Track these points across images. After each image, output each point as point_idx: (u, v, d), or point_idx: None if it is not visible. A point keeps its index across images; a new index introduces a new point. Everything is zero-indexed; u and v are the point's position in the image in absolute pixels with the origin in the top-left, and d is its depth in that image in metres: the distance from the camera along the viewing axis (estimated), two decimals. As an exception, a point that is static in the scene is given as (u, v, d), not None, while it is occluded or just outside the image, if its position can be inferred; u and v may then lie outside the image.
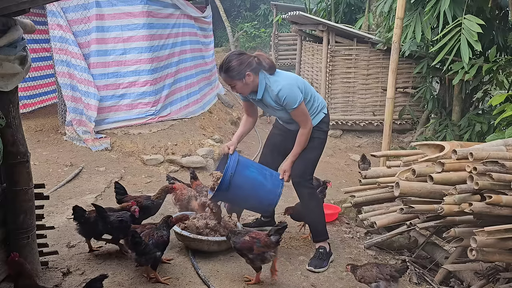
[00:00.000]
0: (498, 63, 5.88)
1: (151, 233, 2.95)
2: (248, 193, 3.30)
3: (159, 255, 2.94)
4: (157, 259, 2.93)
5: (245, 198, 3.35)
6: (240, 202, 3.51)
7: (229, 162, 3.25)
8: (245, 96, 3.34)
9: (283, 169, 3.40)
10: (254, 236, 2.96)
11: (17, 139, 2.73)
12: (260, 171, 3.40)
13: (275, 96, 3.15)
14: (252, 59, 3.13)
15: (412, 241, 3.90)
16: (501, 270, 3.17)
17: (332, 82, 9.04)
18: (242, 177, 3.26)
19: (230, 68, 3.09)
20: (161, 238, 2.94)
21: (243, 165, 3.32)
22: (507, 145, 3.22)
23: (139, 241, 2.83)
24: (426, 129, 8.17)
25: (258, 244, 2.91)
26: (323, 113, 3.39)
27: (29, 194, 2.85)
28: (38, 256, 3.01)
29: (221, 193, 3.28)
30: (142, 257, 2.87)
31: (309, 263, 3.37)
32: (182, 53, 7.57)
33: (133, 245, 2.84)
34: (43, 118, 7.31)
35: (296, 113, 3.19)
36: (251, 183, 3.30)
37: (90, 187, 5.02)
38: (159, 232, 2.97)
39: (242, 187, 3.26)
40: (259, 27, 17.50)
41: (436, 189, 3.16)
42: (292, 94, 3.11)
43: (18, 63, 2.57)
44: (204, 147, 6.42)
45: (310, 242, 3.73)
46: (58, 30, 6.19)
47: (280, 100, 3.14)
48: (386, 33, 8.16)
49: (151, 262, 2.92)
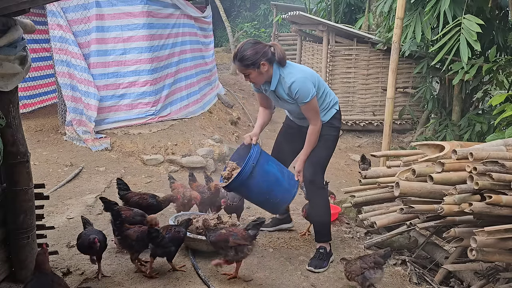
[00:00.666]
0: (498, 63, 5.88)
1: (169, 227, 3.09)
2: (265, 188, 3.21)
3: (174, 250, 3.04)
4: (171, 252, 3.04)
5: (261, 192, 3.24)
6: (253, 196, 3.35)
7: (252, 152, 3.13)
8: (258, 87, 3.28)
9: (297, 169, 3.34)
10: (231, 230, 3.00)
11: (17, 139, 2.73)
12: (279, 168, 3.32)
13: (287, 88, 3.09)
14: (268, 48, 3.08)
15: (412, 241, 3.90)
16: (501, 270, 3.16)
17: (332, 82, 9.04)
18: (262, 170, 3.16)
19: (245, 57, 3.03)
20: (177, 233, 3.05)
21: (265, 158, 3.24)
22: (507, 145, 3.22)
23: (156, 235, 2.95)
24: (426, 129, 8.17)
25: (234, 237, 2.93)
26: (335, 109, 3.34)
27: (29, 194, 2.85)
28: (38, 256, 3.01)
29: (238, 183, 3.14)
30: (158, 249, 3.00)
31: (309, 263, 3.36)
32: (182, 53, 7.57)
33: (150, 239, 2.97)
34: (43, 118, 7.31)
35: (307, 107, 3.13)
36: (270, 178, 3.21)
37: (90, 187, 5.02)
38: (176, 228, 3.10)
39: (260, 181, 3.16)
40: (259, 27, 17.51)
41: (436, 189, 3.16)
42: (305, 88, 3.06)
43: (18, 63, 2.57)
44: (204, 147, 6.42)
45: (310, 242, 3.74)
46: (58, 30, 6.19)
47: (292, 93, 3.08)
48: (386, 33, 8.16)
49: (166, 255, 3.05)
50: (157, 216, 4.02)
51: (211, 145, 6.54)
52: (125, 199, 3.61)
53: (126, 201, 3.59)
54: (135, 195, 3.62)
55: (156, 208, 3.63)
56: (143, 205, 3.54)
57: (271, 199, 3.29)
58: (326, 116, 3.30)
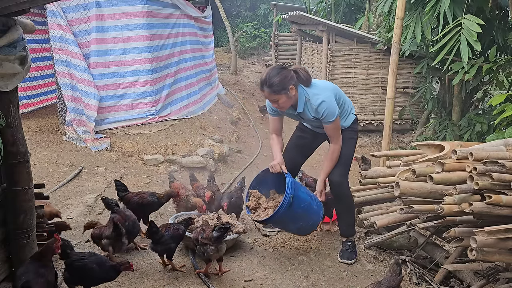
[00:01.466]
0: (498, 63, 5.88)
1: (168, 225, 3.18)
2: (300, 214, 3.27)
3: (173, 246, 3.11)
4: (172, 249, 3.11)
5: (296, 219, 3.29)
6: (290, 224, 3.39)
7: (288, 183, 3.17)
8: (282, 111, 3.32)
9: (319, 190, 3.45)
10: (204, 229, 3.06)
11: (17, 139, 2.73)
12: (307, 191, 3.40)
13: (314, 110, 3.16)
14: (292, 72, 3.14)
15: (412, 241, 3.90)
16: (501, 270, 3.16)
17: (332, 82, 9.03)
18: (297, 199, 3.21)
19: (274, 83, 3.07)
20: (176, 231, 3.12)
21: (297, 185, 3.29)
22: (507, 145, 3.22)
23: (156, 231, 3.03)
24: (426, 129, 8.17)
25: (201, 236, 3.02)
26: (353, 114, 3.48)
27: (29, 194, 2.84)
28: (38, 256, 3.01)
29: (279, 216, 3.17)
30: (157, 246, 3.07)
31: (341, 256, 3.49)
32: (182, 53, 7.57)
33: (150, 234, 3.04)
34: (43, 118, 7.31)
35: (332, 126, 3.22)
36: (304, 205, 3.27)
37: (90, 187, 5.02)
38: (176, 225, 3.17)
39: (297, 209, 3.21)
40: (259, 27, 17.50)
41: (436, 189, 3.16)
42: (331, 108, 3.14)
43: (18, 63, 2.57)
44: (204, 147, 6.42)
45: (311, 242, 3.74)
46: (58, 30, 6.19)
47: (319, 114, 3.15)
48: (386, 33, 8.16)
49: (166, 252, 3.12)
50: (158, 215, 4.04)
51: (211, 145, 6.54)
52: (125, 200, 3.62)
53: (127, 202, 3.60)
54: (134, 195, 3.63)
55: (157, 205, 3.68)
56: (144, 204, 3.57)
57: (305, 224, 3.37)
58: (347, 122, 3.42)
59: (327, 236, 3.93)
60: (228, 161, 6.65)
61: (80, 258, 2.64)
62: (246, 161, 6.86)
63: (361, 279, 3.29)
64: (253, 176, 3.63)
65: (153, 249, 3.12)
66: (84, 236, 3.78)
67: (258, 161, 6.98)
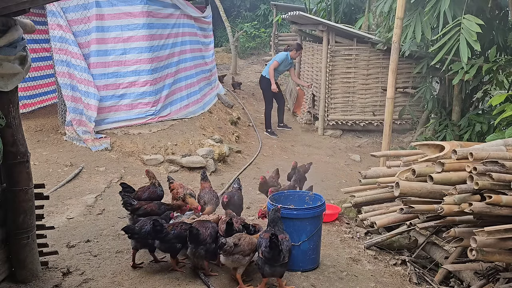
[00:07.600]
0: (498, 63, 5.88)
1: (176, 224, 3.20)
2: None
3: (179, 246, 3.12)
4: (176, 248, 3.12)
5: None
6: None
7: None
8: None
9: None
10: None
11: (17, 139, 2.73)
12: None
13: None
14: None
15: (412, 241, 3.90)
16: (501, 270, 3.17)
17: (332, 82, 9.03)
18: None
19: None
20: (184, 231, 3.11)
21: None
22: (507, 145, 3.22)
23: (160, 229, 3.04)
24: (426, 129, 8.16)
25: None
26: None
27: (29, 194, 2.85)
28: (38, 256, 3.02)
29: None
30: (162, 244, 3.09)
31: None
32: (182, 53, 7.57)
33: (154, 232, 3.05)
34: (43, 118, 7.30)
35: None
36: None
37: (90, 187, 5.02)
38: (184, 225, 3.17)
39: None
40: (259, 27, 17.50)
41: (436, 189, 3.16)
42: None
43: (18, 63, 2.57)
44: (204, 147, 6.42)
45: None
46: (58, 30, 6.19)
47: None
48: (386, 33, 8.15)
49: (171, 251, 3.14)
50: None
51: (211, 145, 6.54)
52: (134, 211, 3.56)
53: (135, 212, 3.55)
54: (143, 205, 3.57)
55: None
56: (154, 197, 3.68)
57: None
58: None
59: (327, 236, 3.93)
60: (228, 161, 6.65)
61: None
62: (246, 161, 6.86)
63: (361, 279, 3.29)
64: (253, 176, 3.64)
65: (158, 248, 3.14)
66: (84, 236, 3.79)
67: (258, 161, 6.97)
